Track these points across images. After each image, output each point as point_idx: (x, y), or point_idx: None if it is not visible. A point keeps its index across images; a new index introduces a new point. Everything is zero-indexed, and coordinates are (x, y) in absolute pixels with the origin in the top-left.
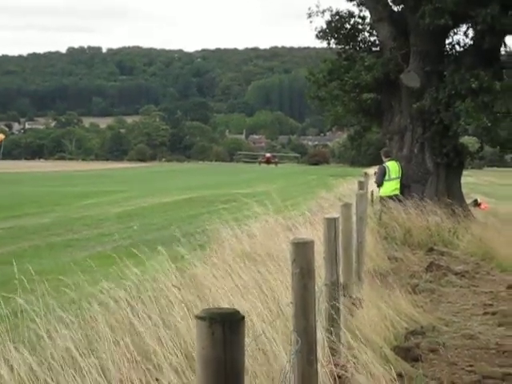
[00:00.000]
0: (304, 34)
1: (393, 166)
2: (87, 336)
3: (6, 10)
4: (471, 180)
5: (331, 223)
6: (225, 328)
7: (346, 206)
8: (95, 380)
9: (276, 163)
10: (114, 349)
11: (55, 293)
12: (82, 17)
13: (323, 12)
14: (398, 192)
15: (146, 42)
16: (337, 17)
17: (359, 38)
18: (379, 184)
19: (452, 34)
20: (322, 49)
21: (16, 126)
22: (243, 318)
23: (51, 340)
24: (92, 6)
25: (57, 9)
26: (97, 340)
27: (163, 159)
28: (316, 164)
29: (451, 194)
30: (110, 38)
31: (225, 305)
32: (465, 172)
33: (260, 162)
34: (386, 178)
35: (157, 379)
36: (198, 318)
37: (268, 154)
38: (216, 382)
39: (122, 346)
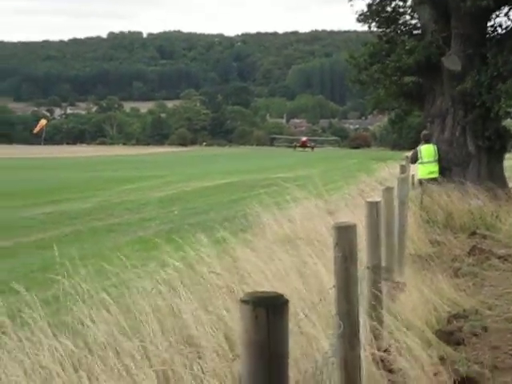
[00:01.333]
0: (345, 18)
1: (426, 150)
2: (130, 319)
3: None
4: None
5: (373, 207)
6: (269, 312)
7: (388, 190)
8: (139, 362)
9: (312, 147)
10: (157, 332)
11: (98, 277)
12: (123, 2)
13: None
14: (435, 175)
15: (186, 27)
16: (378, 0)
17: (400, 21)
18: (413, 163)
19: (494, 16)
20: (363, 32)
21: (57, 111)
22: (287, 301)
23: (94, 324)
24: None
25: None
26: (140, 323)
27: (204, 143)
28: (357, 148)
29: (493, 178)
30: (150, 22)
31: (267, 289)
32: (507, 155)
33: (295, 147)
34: (419, 161)
35: (199, 360)
36: (242, 301)
37: (304, 138)
38: (260, 366)
39: (165, 330)
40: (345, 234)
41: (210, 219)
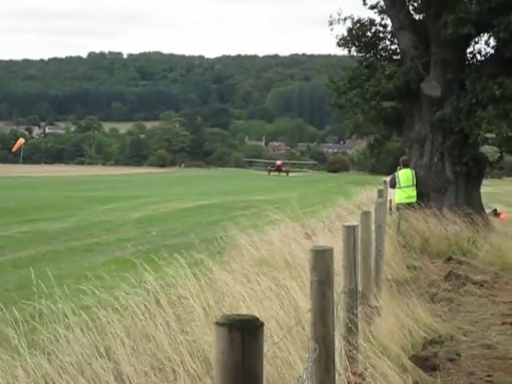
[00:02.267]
0: (325, 42)
1: (404, 175)
2: (104, 341)
3: (28, 14)
4: (491, 189)
5: (350, 231)
6: (244, 334)
7: (366, 214)
8: None
9: (287, 172)
10: (131, 354)
11: (73, 297)
12: (103, 22)
13: (345, 20)
14: (413, 200)
15: (166, 48)
16: (358, 25)
17: (380, 46)
18: (392, 187)
19: (473, 43)
20: (343, 56)
21: (36, 130)
22: (262, 324)
23: (68, 345)
24: (113, 11)
25: (78, 14)
26: (114, 346)
27: (183, 165)
28: (335, 171)
29: (470, 204)
30: (130, 43)
31: (243, 311)
32: (484, 181)
33: (270, 171)
34: (397, 186)
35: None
36: (218, 324)
37: (278, 162)
38: None
39: (139, 352)
40: (322, 258)
41: (188, 241)
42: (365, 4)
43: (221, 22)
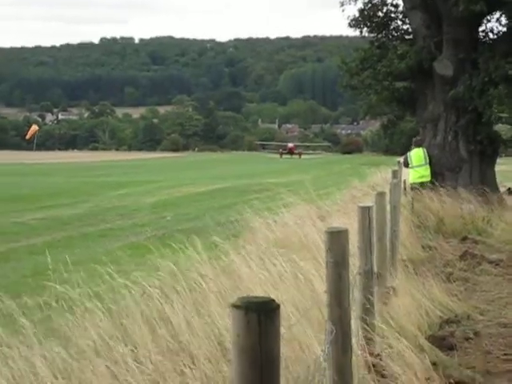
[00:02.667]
0: (336, 23)
1: (415, 155)
2: (122, 325)
3: (40, 1)
4: (505, 168)
5: (365, 212)
6: (260, 316)
7: (380, 195)
8: (130, 368)
9: (300, 154)
10: (148, 338)
11: (89, 282)
12: (115, 7)
13: (356, 0)
14: (426, 179)
15: (178, 32)
16: (369, 5)
17: (392, 27)
18: (406, 167)
19: (485, 21)
20: (355, 37)
21: (49, 117)
22: (279, 306)
23: (85, 330)
24: None
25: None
26: (131, 329)
27: (196, 149)
28: (349, 153)
29: (485, 182)
30: (142, 28)
31: (259, 294)
32: (499, 160)
33: (281, 154)
34: (410, 166)
35: (190, 367)
36: (234, 306)
37: (290, 144)
38: (251, 371)
39: (156, 336)
40: (337, 239)
41: (203, 225)
42: None
43: (231, 4)
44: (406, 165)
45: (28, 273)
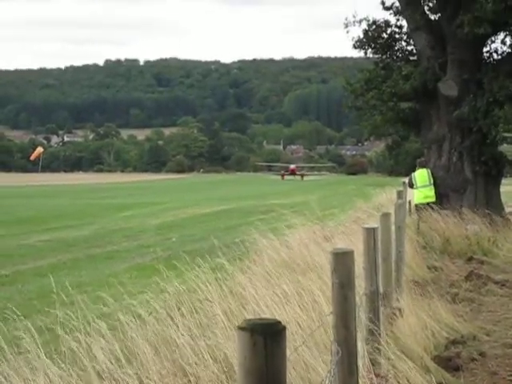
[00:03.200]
0: (341, 44)
1: (420, 175)
2: (126, 348)
3: (44, 23)
4: (510, 189)
5: (370, 233)
6: (266, 339)
7: (385, 216)
8: None
9: (302, 175)
10: (153, 361)
11: (94, 305)
12: (120, 29)
13: (360, 22)
14: (431, 199)
15: (182, 54)
16: (374, 26)
17: (396, 48)
18: (411, 187)
19: (489, 42)
20: (359, 58)
21: (54, 139)
22: (284, 328)
23: (90, 353)
24: (129, 18)
25: (93, 22)
26: (135, 351)
27: (201, 170)
28: (354, 174)
29: (490, 203)
30: (147, 50)
31: (265, 315)
32: (504, 181)
33: (283, 175)
34: (414, 186)
35: None
36: (240, 328)
37: (292, 166)
38: None
39: (161, 358)
40: (342, 260)
41: (208, 246)
42: (383, 5)
43: (236, 26)
44: (411, 185)
45: (33, 295)
